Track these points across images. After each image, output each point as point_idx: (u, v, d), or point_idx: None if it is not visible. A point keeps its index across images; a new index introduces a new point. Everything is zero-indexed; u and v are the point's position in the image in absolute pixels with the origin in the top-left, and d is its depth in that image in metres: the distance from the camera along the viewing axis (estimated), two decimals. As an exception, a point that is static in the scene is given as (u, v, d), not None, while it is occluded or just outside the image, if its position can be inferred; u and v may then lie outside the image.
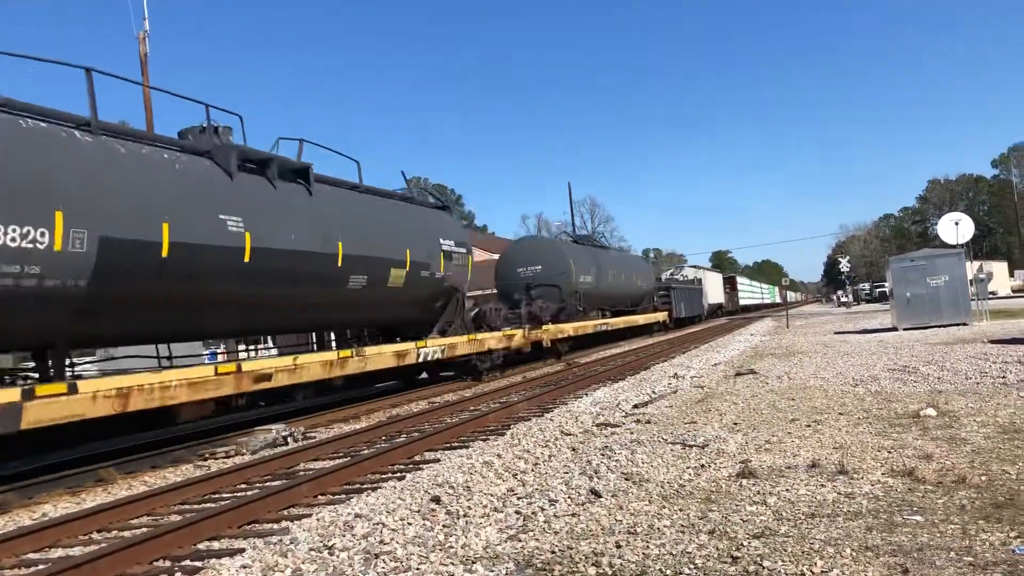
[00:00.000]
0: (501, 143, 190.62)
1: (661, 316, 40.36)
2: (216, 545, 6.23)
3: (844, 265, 70.60)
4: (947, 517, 5.11)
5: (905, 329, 24.51)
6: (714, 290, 65.88)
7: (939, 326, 24.26)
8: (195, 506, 7.95)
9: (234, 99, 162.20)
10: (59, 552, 6.56)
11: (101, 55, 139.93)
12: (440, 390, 18.43)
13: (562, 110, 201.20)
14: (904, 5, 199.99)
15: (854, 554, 4.51)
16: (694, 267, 69.74)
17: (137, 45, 22.17)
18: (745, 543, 4.85)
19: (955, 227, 27.49)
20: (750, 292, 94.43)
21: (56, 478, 9.80)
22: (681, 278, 56.44)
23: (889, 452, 7.15)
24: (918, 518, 5.13)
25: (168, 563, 5.80)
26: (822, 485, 6.15)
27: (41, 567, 5.79)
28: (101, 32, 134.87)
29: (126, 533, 6.94)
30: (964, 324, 24.20)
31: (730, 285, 78.23)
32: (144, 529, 6.89)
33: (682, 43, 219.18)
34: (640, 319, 36.89)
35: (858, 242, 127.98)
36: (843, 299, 75.44)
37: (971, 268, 29.07)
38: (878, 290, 68.33)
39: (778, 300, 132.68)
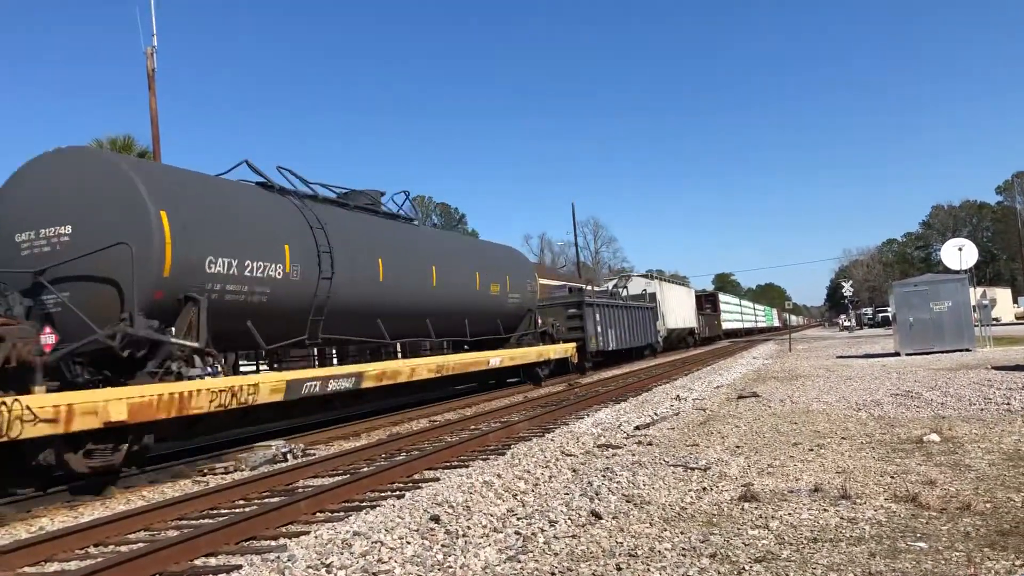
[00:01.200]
0: (505, 162, 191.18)
1: (556, 351, 25.40)
2: (213, 561, 6.19)
3: (847, 289, 70.65)
4: (952, 544, 5.06)
5: (908, 354, 24.44)
6: (678, 310, 50.46)
7: (942, 352, 24.19)
8: (193, 522, 7.90)
9: (237, 112, 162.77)
10: (55, 566, 6.51)
11: (108, 69, 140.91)
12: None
13: (567, 132, 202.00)
14: (910, 30, 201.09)
15: (857, 580, 4.46)
16: (648, 277, 50.75)
17: (145, 60, 22.30)
18: (747, 567, 4.80)
19: (959, 253, 27.48)
20: (738, 314, 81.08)
21: (54, 492, 9.76)
22: (623, 291, 41.17)
23: (892, 477, 7.09)
24: (922, 544, 5.07)
25: (164, 579, 5.75)
26: (825, 510, 6.10)
27: (36, 581, 5.74)
28: (109, 44, 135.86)
29: (123, 548, 6.90)
30: (967, 350, 24.13)
31: (709, 305, 64.02)
32: (141, 544, 6.84)
33: (685, 64, 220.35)
34: (493, 357, 20.93)
35: (861, 267, 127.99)
36: (846, 323, 75.34)
37: (974, 294, 29.01)
38: (881, 315, 68.02)
39: (776, 323, 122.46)
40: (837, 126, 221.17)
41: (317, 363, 17.69)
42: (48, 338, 9.61)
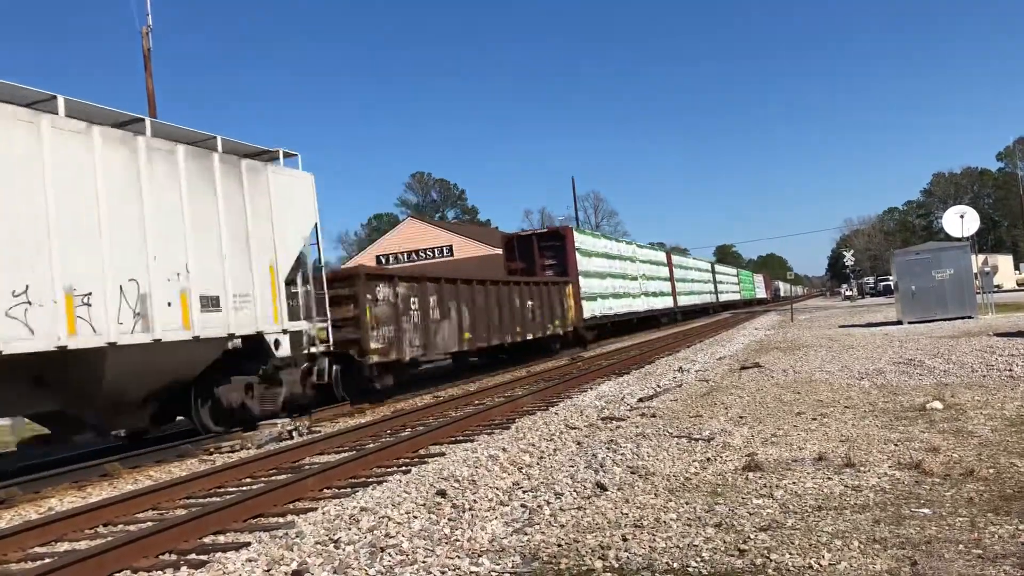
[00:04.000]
0: (504, 137, 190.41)
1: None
2: (222, 539, 6.23)
3: (848, 259, 70.55)
4: (955, 510, 5.09)
5: (910, 323, 24.44)
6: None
7: (944, 319, 24.18)
8: (200, 500, 7.95)
9: (231, 90, 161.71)
10: (65, 546, 6.57)
11: (104, 49, 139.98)
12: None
13: (566, 103, 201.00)
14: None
15: (862, 547, 4.49)
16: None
17: (140, 40, 22.13)
18: (752, 536, 4.84)
19: (960, 220, 27.40)
20: (701, 282, 57.88)
21: (62, 472, 9.83)
22: None
23: (896, 445, 7.12)
24: (926, 511, 5.10)
25: (174, 557, 5.80)
26: (829, 478, 6.13)
27: (47, 560, 5.79)
28: (103, 26, 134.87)
29: (132, 527, 6.95)
30: (969, 317, 24.13)
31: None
32: (150, 523, 6.89)
33: (682, 37, 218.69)
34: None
35: (862, 236, 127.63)
36: (847, 293, 75.33)
37: (976, 261, 28.96)
38: (883, 284, 67.89)
39: (764, 294, 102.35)
40: (837, 95, 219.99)
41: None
42: None
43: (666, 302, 45.26)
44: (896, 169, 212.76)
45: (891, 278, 35.41)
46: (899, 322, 25.26)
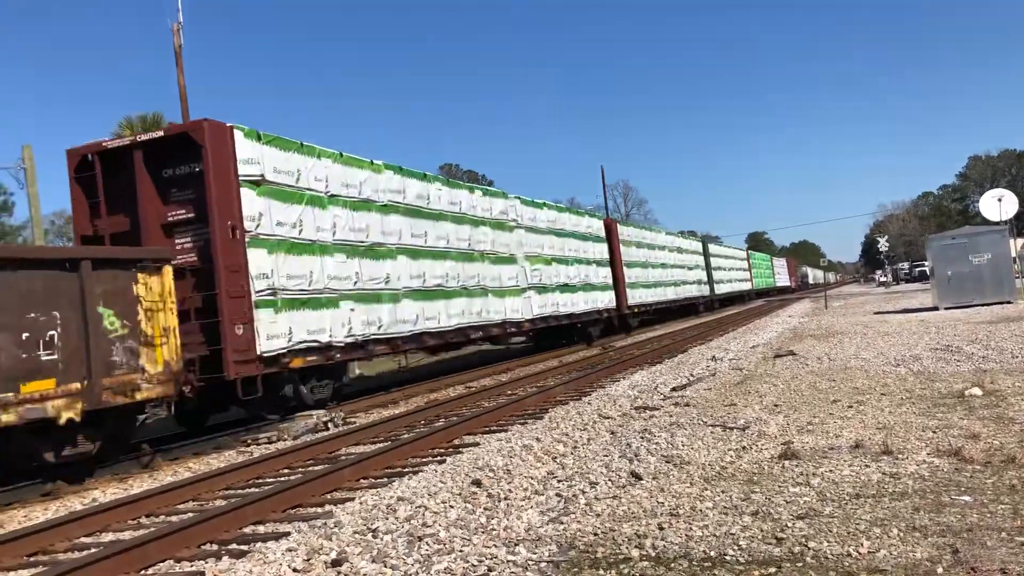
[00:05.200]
0: (532, 126, 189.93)
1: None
2: (261, 529, 6.33)
3: (882, 245, 69.54)
4: (997, 497, 5.03)
5: (946, 308, 24.08)
6: None
7: (982, 305, 23.79)
8: (239, 491, 8.07)
9: (254, 80, 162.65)
10: (110, 536, 6.71)
11: (133, 45, 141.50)
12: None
13: (593, 90, 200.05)
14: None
15: (901, 534, 4.46)
16: None
17: (171, 36, 22.26)
18: (789, 524, 4.82)
19: (998, 204, 26.95)
20: (667, 265, 38.46)
21: (103, 465, 10.01)
22: None
23: (934, 432, 7.04)
24: (967, 498, 5.05)
25: (215, 547, 5.90)
26: (866, 466, 6.07)
27: (93, 550, 5.91)
28: (132, 21, 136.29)
29: (173, 518, 7.08)
30: (1008, 302, 23.72)
31: None
32: (191, 514, 7.01)
33: (709, 21, 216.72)
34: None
35: (897, 221, 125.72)
36: (882, 279, 74.31)
37: (1015, 245, 28.47)
38: (918, 269, 66.90)
39: (784, 282, 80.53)
40: (870, 78, 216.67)
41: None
42: None
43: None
44: (931, 152, 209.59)
45: (927, 263, 34.88)
46: (935, 308, 24.89)
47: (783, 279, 78.86)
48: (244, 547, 5.73)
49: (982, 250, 24.47)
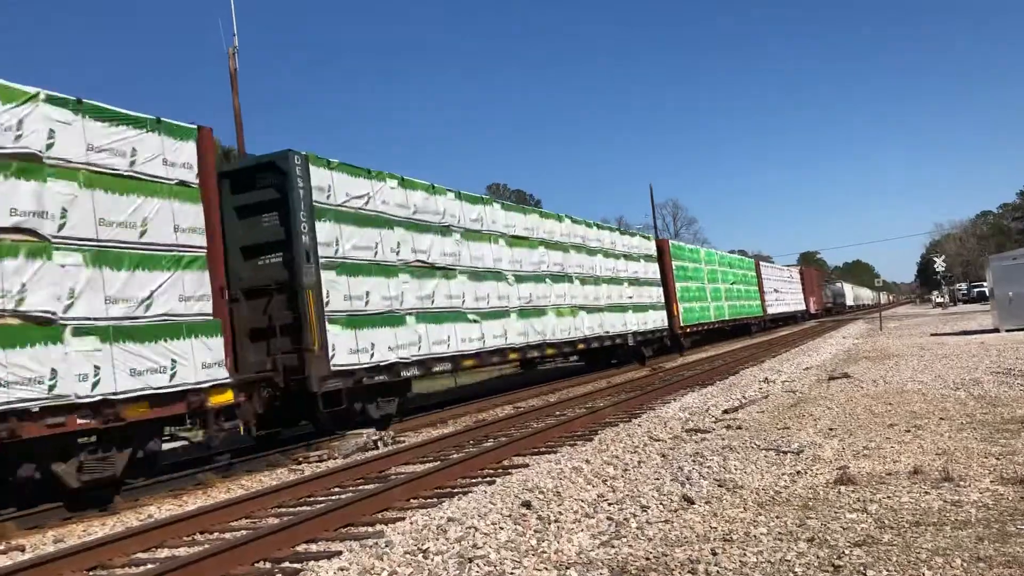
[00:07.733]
0: (580, 144, 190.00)
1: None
2: (314, 547, 6.38)
3: (939, 265, 67.99)
4: (1065, 527, 4.86)
5: (1008, 330, 23.43)
6: None
7: (1045, 327, 23.13)
8: (291, 509, 8.15)
9: (307, 100, 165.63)
10: (165, 552, 6.82)
11: (188, 69, 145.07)
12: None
13: (643, 107, 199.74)
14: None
15: (965, 564, 4.33)
16: None
17: (227, 61, 22.84)
18: (847, 551, 4.71)
19: (1061, 223, 26.18)
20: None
21: (158, 481, 10.20)
22: None
23: (997, 459, 6.84)
24: (1033, 528, 4.89)
25: (268, 564, 5.96)
26: (926, 492, 5.92)
27: (150, 566, 6.02)
28: (189, 45, 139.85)
29: (227, 535, 7.17)
30: (1072, 324, 23.02)
31: None
32: (244, 531, 7.09)
33: (763, 37, 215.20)
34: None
35: (954, 240, 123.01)
36: (939, 300, 72.63)
37: (1079, 266, 27.56)
38: (976, 290, 65.26)
39: (793, 304, 54.95)
40: (926, 97, 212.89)
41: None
42: None
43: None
44: (990, 171, 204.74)
45: (986, 284, 33.98)
46: (996, 330, 24.25)
47: (791, 299, 55.80)
48: (297, 565, 5.78)
49: (1045, 271, 23.80)
